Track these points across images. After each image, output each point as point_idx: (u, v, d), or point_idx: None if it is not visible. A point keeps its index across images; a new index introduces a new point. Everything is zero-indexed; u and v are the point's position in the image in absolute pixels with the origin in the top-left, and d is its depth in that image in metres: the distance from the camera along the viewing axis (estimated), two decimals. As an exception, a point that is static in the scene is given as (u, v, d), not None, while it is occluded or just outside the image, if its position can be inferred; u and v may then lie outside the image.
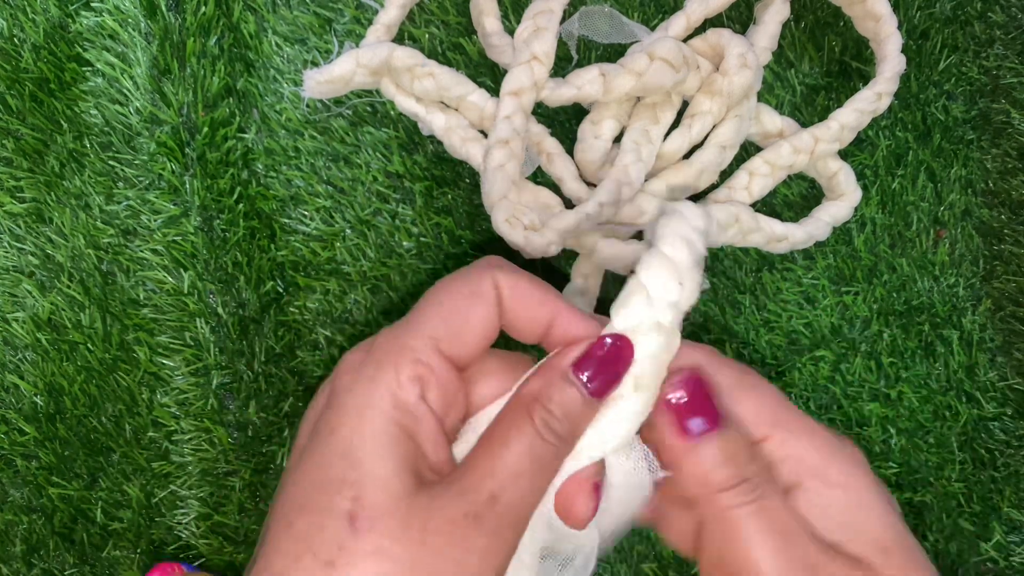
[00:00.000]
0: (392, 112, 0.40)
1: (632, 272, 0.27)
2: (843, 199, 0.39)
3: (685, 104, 0.39)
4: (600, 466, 0.27)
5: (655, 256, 0.26)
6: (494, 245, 0.40)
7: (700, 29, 0.40)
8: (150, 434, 0.39)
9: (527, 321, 0.28)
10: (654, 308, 0.26)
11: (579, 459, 0.27)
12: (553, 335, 0.28)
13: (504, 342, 0.28)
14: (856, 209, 0.40)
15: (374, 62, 0.37)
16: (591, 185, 0.39)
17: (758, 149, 0.40)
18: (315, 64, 0.40)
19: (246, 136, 0.40)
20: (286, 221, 0.40)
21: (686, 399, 0.27)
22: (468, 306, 0.27)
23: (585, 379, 0.26)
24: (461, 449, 0.27)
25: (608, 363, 0.26)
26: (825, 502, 0.26)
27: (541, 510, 0.26)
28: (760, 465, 0.26)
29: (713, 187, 0.40)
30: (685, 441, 0.26)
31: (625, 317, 0.26)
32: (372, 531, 0.24)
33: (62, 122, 0.40)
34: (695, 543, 0.27)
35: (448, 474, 0.26)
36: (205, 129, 0.40)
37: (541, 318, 0.27)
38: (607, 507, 0.28)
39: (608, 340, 0.26)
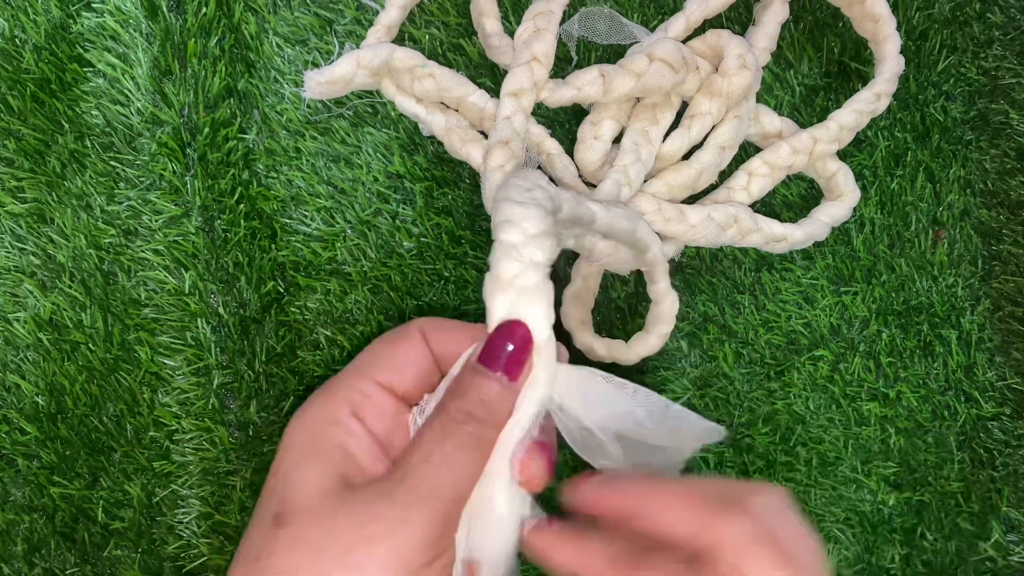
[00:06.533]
0: (393, 113, 0.40)
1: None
2: (842, 199, 0.39)
3: (685, 105, 0.39)
4: (541, 425, 0.29)
5: (496, 239, 0.28)
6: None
7: (699, 30, 0.40)
8: (151, 434, 0.40)
9: (455, 352, 0.30)
10: (523, 269, 0.28)
11: (517, 427, 0.29)
12: None
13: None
14: (855, 209, 0.40)
15: (375, 63, 0.37)
16: (591, 185, 0.39)
17: (757, 150, 0.41)
18: (316, 65, 0.41)
19: (247, 137, 0.40)
20: (287, 221, 0.40)
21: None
22: (395, 342, 0.31)
23: (494, 366, 0.28)
24: None
25: (506, 341, 0.28)
26: None
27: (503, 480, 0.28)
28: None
29: (712, 187, 0.40)
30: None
31: (501, 303, 0.28)
32: (291, 524, 0.27)
33: (63, 123, 0.40)
34: None
35: None
36: (206, 130, 0.40)
37: (465, 348, 0.30)
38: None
39: (501, 326, 0.28)
